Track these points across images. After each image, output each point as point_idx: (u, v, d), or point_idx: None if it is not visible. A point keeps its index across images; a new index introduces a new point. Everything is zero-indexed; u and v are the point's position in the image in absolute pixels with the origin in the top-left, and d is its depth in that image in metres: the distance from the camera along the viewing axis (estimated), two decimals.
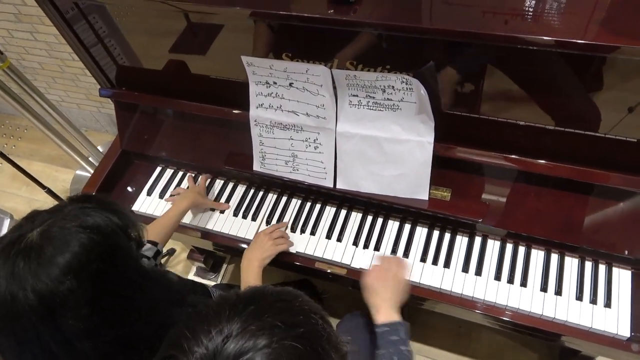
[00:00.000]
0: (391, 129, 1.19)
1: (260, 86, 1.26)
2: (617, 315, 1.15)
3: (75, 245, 0.73)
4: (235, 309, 0.59)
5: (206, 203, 1.46)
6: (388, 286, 1.14)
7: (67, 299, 0.72)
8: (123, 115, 1.56)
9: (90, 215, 0.78)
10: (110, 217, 0.80)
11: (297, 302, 0.64)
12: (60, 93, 2.63)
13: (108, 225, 0.78)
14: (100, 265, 0.75)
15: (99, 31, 1.38)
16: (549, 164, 1.15)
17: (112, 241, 0.78)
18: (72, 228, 0.75)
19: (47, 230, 0.74)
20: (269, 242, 1.31)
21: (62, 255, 0.72)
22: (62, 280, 0.71)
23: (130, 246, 0.84)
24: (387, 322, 1.09)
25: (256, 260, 1.28)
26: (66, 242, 0.73)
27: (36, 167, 2.79)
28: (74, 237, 0.74)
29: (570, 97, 1.09)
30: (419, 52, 1.09)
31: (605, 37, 0.91)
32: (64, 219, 0.76)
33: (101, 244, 0.76)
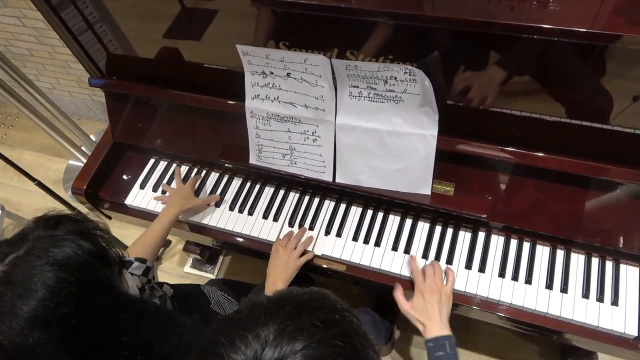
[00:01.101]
0: (393, 122, 1.15)
1: (256, 76, 1.21)
2: (625, 314, 1.13)
3: (40, 290, 0.63)
4: (269, 312, 0.57)
5: (195, 206, 1.39)
6: (434, 303, 1.11)
7: (37, 353, 0.63)
8: (114, 105, 1.51)
9: (58, 245, 0.68)
10: (82, 243, 0.71)
11: (328, 300, 0.62)
12: (51, 80, 2.57)
13: (79, 255, 0.69)
14: (72, 308, 0.65)
15: (89, 17, 1.32)
16: (556, 158, 1.10)
17: (84, 276, 0.69)
18: (37, 267, 0.65)
19: (7, 271, 0.65)
20: (292, 258, 1.25)
21: (25, 303, 0.62)
22: (28, 333, 0.62)
23: (107, 275, 0.75)
24: (432, 338, 1.07)
25: (280, 280, 1.22)
26: (29, 286, 0.63)
27: (28, 157, 2.74)
28: (38, 279, 0.64)
29: (582, 86, 1.05)
30: (423, 41, 1.05)
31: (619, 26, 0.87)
32: (28, 253, 0.66)
33: (71, 283, 0.66)
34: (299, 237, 1.31)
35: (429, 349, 1.07)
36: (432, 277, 1.15)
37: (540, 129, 1.10)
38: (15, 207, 2.49)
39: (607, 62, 0.96)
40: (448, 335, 1.07)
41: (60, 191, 2.46)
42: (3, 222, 2.18)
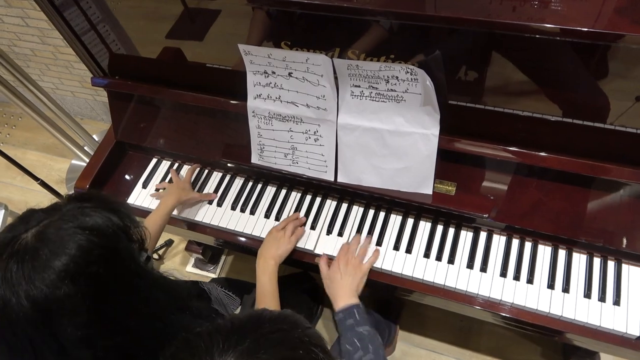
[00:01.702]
0: (394, 121, 1.15)
1: (258, 76, 1.21)
2: (627, 314, 1.12)
3: (73, 248, 0.69)
4: (229, 340, 0.55)
5: (192, 198, 1.41)
6: (346, 275, 1.18)
7: (63, 306, 0.68)
8: (117, 105, 1.51)
9: (89, 215, 0.74)
10: (111, 217, 0.76)
11: (296, 332, 0.59)
12: (54, 80, 2.57)
13: (108, 226, 0.74)
14: (99, 269, 0.71)
15: (92, 17, 1.33)
16: (558, 157, 1.10)
17: (112, 243, 0.74)
18: (70, 229, 0.70)
19: (43, 231, 0.70)
20: (284, 238, 1.28)
21: (59, 259, 0.68)
22: (59, 285, 0.67)
23: (132, 248, 0.80)
24: (341, 308, 1.11)
25: (272, 258, 1.24)
26: (63, 244, 0.69)
27: (31, 156, 2.75)
28: (71, 238, 0.70)
29: (581, 86, 1.04)
30: (425, 41, 1.05)
31: (621, 26, 0.87)
32: (61, 219, 0.72)
33: (100, 246, 0.72)
34: (291, 219, 1.35)
35: (339, 321, 1.09)
36: (352, 252, 1.23)
37: (542, 129, 1.10)
38: (18, 207, 2.50)
39: (609, 63, 0.96)
40: (355, 303, 1.11)
41: (63, 191, 2.48)
42: (7, 221, 2.19)
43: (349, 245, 1.26)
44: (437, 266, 1.24)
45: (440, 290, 1.23)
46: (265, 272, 1.21)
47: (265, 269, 1.22)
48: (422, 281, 1.23)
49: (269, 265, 1.22)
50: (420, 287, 1.24)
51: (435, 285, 1.23)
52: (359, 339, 1.03)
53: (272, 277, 1.21)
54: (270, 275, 1.21)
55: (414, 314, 1.89)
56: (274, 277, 1.22)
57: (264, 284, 1.20)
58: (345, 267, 1.19)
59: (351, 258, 1.22)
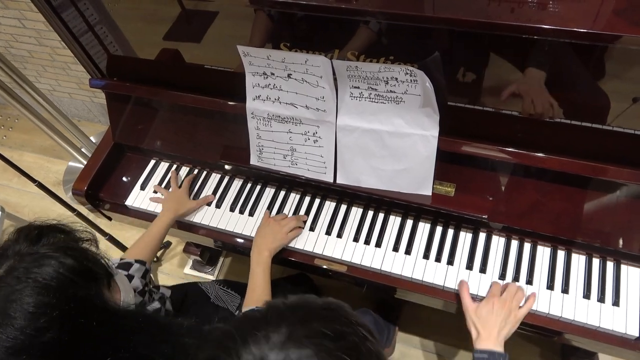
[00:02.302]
0: (394, 123, 1.15)
1: (257, 77, 1.21)
2: (626, 314, 1.12)
3: (20, 316, 0.60)
4: (282, 314, 0.57)
5: (190, 209, 1.40)
6: (500, 317, 1.08)
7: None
8: (115, 106, 1.51)
9: (40, 264, 0.65)
10: (65, 260, 0.67)
11: (342, 311, 0.61)
12: (51, 82, 2.57)
13: (62, 274, 0.66)
14: (54, 333, 0.62)
15: (90, 18, 1.32)
16: (557, 158, 1.10)
17: (67, 297, 0.65)
18: (16, 291, 0.62)
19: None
20: (282, 231, 1.28)
21: (4, 332, 0.59)
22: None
23: (94, 294, 0.71)
24: (487, 350, 1.04)
25: (267, 249, 1.24)
26: (7, 312, 0.60)
27: (28, 158, 2.74)
28: (17, 304, 0.61)
29: (580, 87, 1.05)
30: (424, 42, 1.05)
31: (619, 27, 0.87)
32: (8, 273, 0.64)
33: (53, 306, 0.63)
34: (296, 218, 1.34)
35: (477, 358, 1.04)
36: (512, 294, 1.11)
37: (541, 130, 1.10)
38: (15, 209, 2.49)
39: (606, 64, 0.96)
40: (503, 353, 1.04)
41: (60, 193, 2.46)
42: (3, 223, 2.18)
43: (504, 285, 1.15)
44: (436, 267, 1.24)
45: (439, 291, 1.23)
46: (260, 263, 1.21)
47: (260, 259, 1.22)
48: (422, 282, 1.23)
49: (264, 256, 1.22)
50: (420, 288, 1.24)
51: (434, 286, 1.23)
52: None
53: (265, 268, 1.21)
54: (264, 266, 1.21)
55: (413, 315, 1.88)
56: (268, 268, 1.22)
57: (257, 275, 1.20)
58: (500, 310, 1.09)
59: (508, 301, 1.10)
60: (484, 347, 1.05)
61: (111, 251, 2.24)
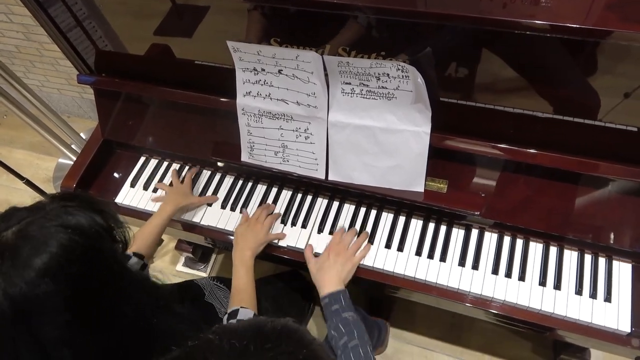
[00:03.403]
0: (386, 119, 1.14)
1: (247, 73, 1.19)
2: (617, 310, 1.13)
3: (54, 246, 0.68)
4: (241, 347, 0.55)
5: (192, 203, 1.39)
6: (337, 263, 1.17)
7: (43, 304, 0.67)
8: (104, 102, 1.49)
9: (72, 214, 0.73)
10: (94, 217, 0.75)
11: (301, 354, 0.56)
12: (40, 78, 2.53)
13: (91, 225, 0.73)
14: (80, 268, 0.70)
15: (78, 13, 1.30)
16: (549, 154, 1.10)
17: (94, 243, 0.73)
18: (52, 227, 0.69)
19: (24, 229, 0.69)
20: (262, 230, 1.27)
21: (39, 257, 0.67)
22: (38, 283, 0.66)
23: (115, 249, 0.79)
24: (327, 294, 1.11)
25: (249, 249, 1.22)
26: (44, 242, 0.68)
27: (17, 155, 2.71)
28: (53, 237, 0.69)
29: (572, 83, 1.04)
30: (416, 37, 1.04)
31: (611, 22, 0.87)
32: (43, 217, 0.71)
33: (83, 246, 0.71)
34: (264, 208, 1.34)
35: (324, 305, 1.09)
36: (346, 243, 1.23)
37: (532, 126, 1.10)
38: (3, 206, 2.45)
39: (598, 59, 0.96)
40: (341, 289, 1.12)
41: (49, 190, 2.44)
42: None
43: (341, 236, 1.25)
44: (429, 264, 1.23)
45: (432, 288, 1.23)
46: (243, 264, 1.20)
47: (243, 260, 1.21)
48: (414, 279, 1.23)
49: (246, 256, 1.21)
50: (412, 285, 1.24)
51: (427, 283, 1.22)
52: (344, 325, 1.04)
53: (249, 269, 1.21)
54: (247, 268, 1.20)
55: (405, 312, 1.88)
56: (251, 268, 1.21)
57: (241, 277, 1.19)
58: (335, 257, 1.19)
59: (342, 249, 1.21)
60: (326, 293, 1.12)
61: None
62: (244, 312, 1.08)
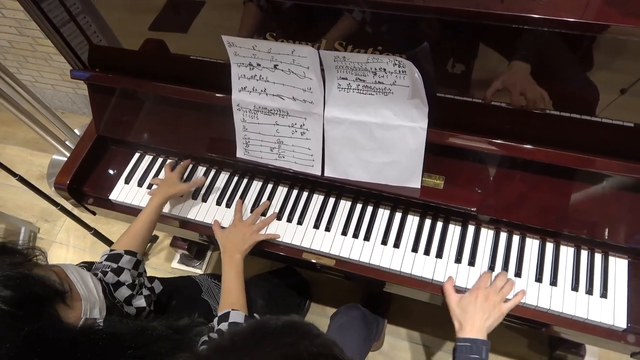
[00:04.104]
0: (382, 114, 1.13)
1: (242, 68, 1.18)
2: (614, 306, 1.13)
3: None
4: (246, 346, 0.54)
5: (180, 190, 1.35)
6: (483, 309, 1.07)
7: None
8: (97, 98, 1.47)
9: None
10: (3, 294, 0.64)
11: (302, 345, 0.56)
12: (33, 73, 2.51)
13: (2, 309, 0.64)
14: None
15: (72, 8, 1.29)
16: (545, 150, 1.10)
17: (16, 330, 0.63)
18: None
19: None
20: (249, 231, 1.25)
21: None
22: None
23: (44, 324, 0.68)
24: (470, 338, 1.03)
25: (237, 252, 1.21)
26: None
27: (10, 151, 2.69)
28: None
29: (570, 78, 1.04)
30: (413, 32, 1.03)
31: (609, 17, 0.86)
32: None
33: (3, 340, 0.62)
34: (259, 212, 1.33)
35: (462, 348, 1.02)
36: (497, 288, 1.11)
37: (530, 121, 1.09)
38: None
39: (595, 54, 0.96)
40: (486, 340, 1.03)
41: (44, 186, 2.42)
42: None
43: (490, 277, 1.15)
44: (425, 260, 1.23)
45: (428, 284, 1.22)
46: (232, 267, 1.19)
47: (232, 263, 1.19)
48: (410, 276, 1.22)
49: (235, 259, 1.20)
50: (408, 282, 1.24)
51: (423, 279, 1.22)
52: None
53: (238, 271, 1.19)
54: (237, 269, 1.19)
55: (401, 308, 1.88)
56: (241, 271, 1.20)
57: (231, 279, 1.17)
58: (483, 303, 1.08)
59: (492, 294, 1.10)
60: (467, 336, 1.04)
61: (97, 246, 2.21)
62: (235, 314, 1.07)
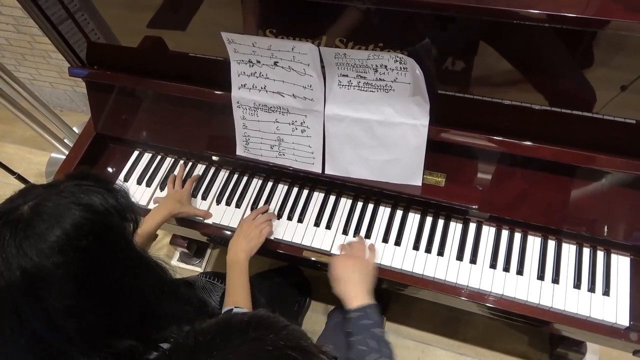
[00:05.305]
0: (383, 112, 1.12)
1: (242, 65, 1.17)
2: (616, 304, 1.12)
3: (66, 222, 0.71)
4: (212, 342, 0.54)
5: (187, 212, 1.34)
6: (355, 272, 1.12)
7: (52, 275, 0.71)
8: (96, 96, 1.46)
9: (85, 192, 0.76)
10: (107, 196, 0.78)
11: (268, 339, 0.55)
12: (31, 71, 2.50)
13: (102, 204, 0.77)
14: (90, 243, 0.73)
15: (70, 5, 1.28)
16: (547, 147, 1.09)
17: (105, 221, 0.77)
18: (65, 205, 0.73)
19: (39, 204, 0.73)
20: (254, 231, 1.24)
21: (51, 231, 0.70)
22: (49, 255, 0.70)
23: (124, 228, 0.81)
24: (358, 307, 1.06)
25: (242, 252, 1.20)
26: (57, 217, 0.71)
27: (9, 150, 2.67)
28: (65, 213, 0.72)
29: (571, 75, 1.03)
30: (414, 28, 1.02)
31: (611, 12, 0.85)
32: (58, 194, 0.74)
33: (93, 222, 0.74)
34: (262, 211, 1.32)
35: (355, 318, 1.05)
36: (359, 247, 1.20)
37: (531, 118, 1.09)
38: None
39: (595, 51, 0.95)
40: (372, 303, 1.07)
41: None
42: None
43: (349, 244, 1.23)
44: (426, 258, 1.22)
45: (429, 282, 1.22)
46: (236, 267, 1.18)
47: (236, 263, 1.19)
48: (412, 274, 1.22)
49: (240, 259, 1.19)
50: (409, 280, 1.23)
51: (424, 277, 1.21)
52: (377, 341, 1.00)
53: (242, 271, 1.18)
54: (241, 269, 1.18)
55: (401, 306, 1.88)
56: (245, 271, 1.19)
57: (234, 279, 1.17)
58: (353, 265, 1.14)
59: (361, 255, 1.18)
60: (357, 305, 1.06)
61: None
62: (238, 311, 1.06)
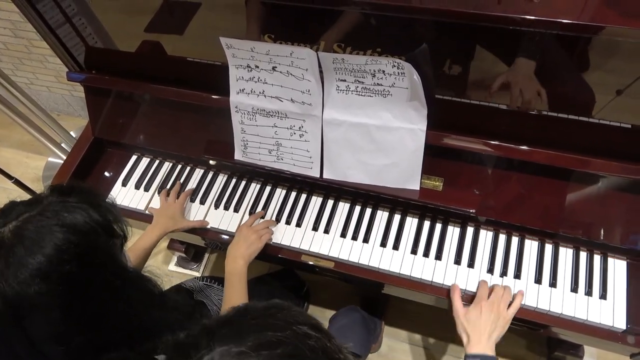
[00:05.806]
0: (381, 116, 1.13)
1: (241, 70, 1.18)
2: (613, 307, 1.13)
3: (48, 246, 0.69)
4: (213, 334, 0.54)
5: (181, 227, 1.33)
6: (489, 321, 1.07)
7: (35, 303, 0.69)
8: (94, 100, 1.46)
9: (69, 210, 0.74)
10: (91, 213, 0.76)
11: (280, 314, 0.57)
12: (29, 75, 2.50)
13: (87, 222, 0.75)
14: (73, 267, 0.71)
15: (67, 9, 1.28)
16: (544, 151, 1.10)
17: (89, 242, 0.74)
18: (47, 227, 0.71)
19: (20, 227, 0.71)
20: (253, 236, 1.23)
21: (33, 257, 0.68)
22: (30, 283, 0.68)
23: (110, 245, 0.80)
24: (479, 354, 1.03)
25: (241, 257, 1.19)
26: (39, 242, 0.69)
27: (6, 154, 2.67)
28: (47, 237, 0.70)
29: (567, 79, 1.04)
30: (411, 33, 1.03)
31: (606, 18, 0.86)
32: (40, 214, 0.72)
33: (77, 245, 0.72)
34: (259, 216, 1.32)
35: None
36: (499, 297, 1.10)
37: (527, 123, 1.09)
38: None
39: (591, 55, 0.96)
40: (493, 356, 1.03)
41: (40, 189, 2.40)
42: None
43: (492, 287, 1.15)
44: (424, 262, 1.23)
45: (427, 286, 1.22)
46: (235, 273, 1.18)
47: (235, 268, 1.18)
48: (410, 278, 1.22)
49: (239, 265, 1.18)
50: (408, 284, 1.23)
51: (422, 281, 1.22)
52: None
53: (241, 277, 1.18)
54: (240, 275, 1.18)
55: (399, 310, 1.88)
56: (244, 277, 1.18)
57: (233, 284, 1.16)
58: (489, 314, 1.08)
59: (495, 304, 1.10)
60: (475, 352, 1.04)
61: None
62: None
